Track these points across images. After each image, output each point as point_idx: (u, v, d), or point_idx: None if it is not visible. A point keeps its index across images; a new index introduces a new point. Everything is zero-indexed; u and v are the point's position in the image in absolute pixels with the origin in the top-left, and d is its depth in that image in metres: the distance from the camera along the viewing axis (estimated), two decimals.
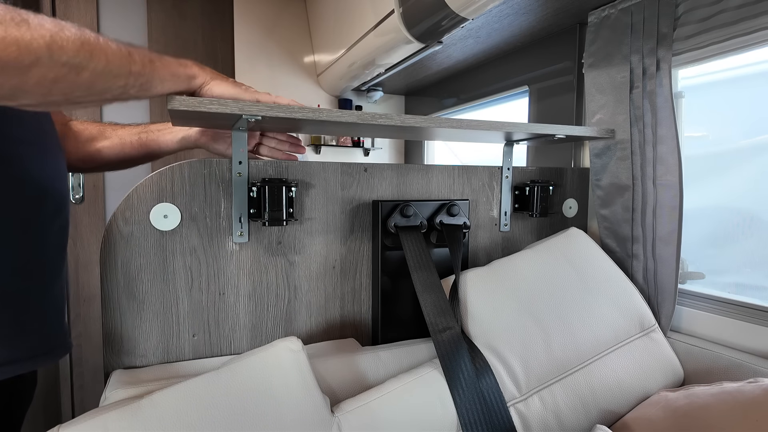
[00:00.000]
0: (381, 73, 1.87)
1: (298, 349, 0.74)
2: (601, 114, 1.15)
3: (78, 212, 1.98)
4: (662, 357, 0.99)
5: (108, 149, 0.93)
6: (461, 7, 1.13)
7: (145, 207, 0.82)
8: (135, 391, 0.72)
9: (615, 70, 1.11)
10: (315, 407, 0.70)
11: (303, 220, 0.94)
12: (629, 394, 0.92)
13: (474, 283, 0.96)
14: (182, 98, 0.66)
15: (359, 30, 1.63)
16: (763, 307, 0.95)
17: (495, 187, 1.14)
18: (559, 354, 0.90)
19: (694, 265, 1.12)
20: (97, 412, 0.62)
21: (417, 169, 1.05)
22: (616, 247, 1.15)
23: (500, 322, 0.91)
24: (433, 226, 1.01)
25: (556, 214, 1.23)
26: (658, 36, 1.02)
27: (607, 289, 1.01)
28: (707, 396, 0.78)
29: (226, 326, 0.89)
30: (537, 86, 1.53)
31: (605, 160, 1.15)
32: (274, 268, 0.92)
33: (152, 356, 0.84)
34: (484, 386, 0.82)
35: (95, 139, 0.92)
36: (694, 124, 1.12)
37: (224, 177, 0.86)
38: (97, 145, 0.92)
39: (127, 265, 0.82)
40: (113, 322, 0.82)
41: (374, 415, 0.74)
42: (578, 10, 1.22)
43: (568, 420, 0.87)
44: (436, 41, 1.42)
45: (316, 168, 0.94)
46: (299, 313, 0.95)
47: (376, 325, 1.01)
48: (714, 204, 1.11)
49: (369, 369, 0.86)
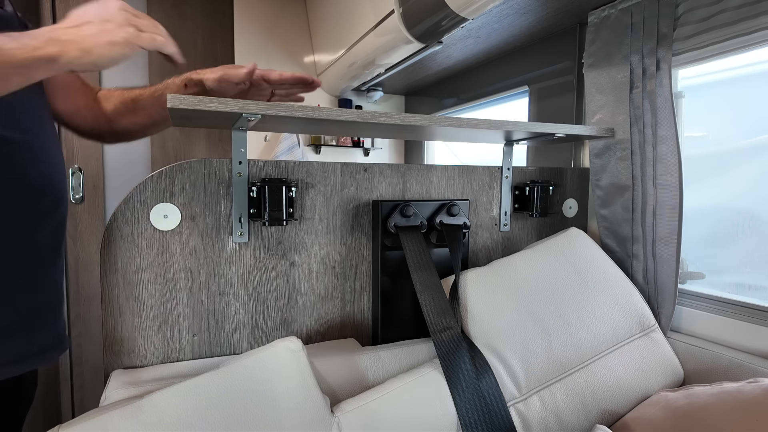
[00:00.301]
0: (381, 73, 1.87)
1: (298, 349, 0.74)
2: (601, 114, 1.15)
3: (78, 212, 1.98)
4: (662, 357, 0.99)
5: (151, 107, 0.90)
6: (461, 7, 1.13)
7: (145, 207, 0.82)
8: (135, 391, 0.72)
9: (615, 70, 1.11)
10: (315, 407, 0.70)
11: (303, 220, 0.94)
12: (629, 394, 0.92)
13: (474, 283, 0.96)
14: (182, 97, 0.66)
15: (359, 30, 1.63)
16: (763, 307, 0.95)
17: (495, 187, 1.14)
18: (559, 354, 0.90)
19: (694, 265, 1.12)
20: (97, 412, 0.62)
21: (417, 169, 1.05)
22: (616, 247, 1.15)
23: (500, 322, 0.91)
24: (433, 226, 1.01)
25: (556, 214, 1.23)
26: (658, 36, 1.02)
27: (607, 289, 1.01)
28: (707, 396, 0.78)
29: (226, 326, 0.89)
30: (537, 86, 1.53)
31: (605, 160, 1.15)
32: (274, 268, 0.92)
33: (152, 356, 0.84)
34: (484, 386, 0.82)
35: (134, 100, 0.90)
36: (694, 124, 1.12)
37: (224, 177, 0.86)
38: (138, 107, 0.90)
39: (127, 265, 0.82)
40: (113, 322, 0.82)
41: (374, 414, 0.74)
42: (578, 10, 1.22)
43: (568, 420, 0.87)
44: (436, 41, 1.42)
45: (316, 168, 0.94)
46: (299, 313, 0.95)
47: (376, 325, 1.01)
48: (714, 204, 1.11)
49: (369, 369, 0.86)
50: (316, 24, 2.15)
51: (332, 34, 1.95)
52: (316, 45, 2.21)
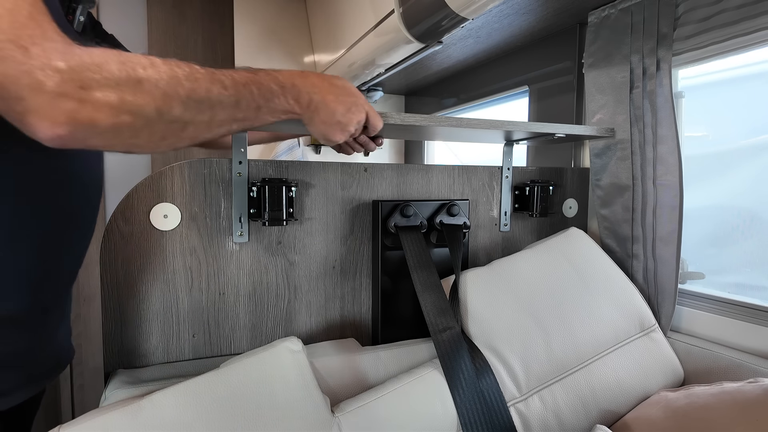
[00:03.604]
0: (381, 73, 1.87)
1: (298, 350, 0.74)
2: (601, 114, 1.15)
3: None
4: (662, 357, 0.99)
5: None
6: (461, 7, 1.12)
7: (145, 207, 0.82)
8: (135, 391, 0.72)
9: (615, 70, 1.11)
10: (315, 407, 0.70)
11: (303, 220, 0.94)
12: (629, 394, 0.92)
13: (474, 283, 0.96)
14: None
15: (359, 30, 1.63)
16: (763, 307, 0.95)
17: (495, 187, 1.14)
18: (560, 354, 0.90)
19: (694, 265, 1.12)
20: (97, 413, 0.62)
21: (417, 169, 1.05)
22: (616, 247, 1.15)
23: (500, 321, 0.91)
24: (433, 226, 1.01)
25: (556, 214, 1.23)
26: (658, 36, 1.02)
27: (607, 289, 1.01)
28: (707, 396, 0.78)
29: (226, 326, 0.89)
30: (537, 86, 1.53)
31: (605, 160, 1.15)
32: (274, 268, 0.92)
33: (152, 356, 0.84)
34: (485, 386, 0.82)
35: None
36: (694, 124, 1.12)
37: (224, 177, 0.86)
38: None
39: (127, 265, 0.82)
40: (113, 322, 0.82)
41: (374, 415, 0.74)
42: (578, 10, 1.22)
43: (569, 420, 0.87)
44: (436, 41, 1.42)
45: (316, 168, 0.94)
46: (299, 313, 0.95)
47: (376, 325, 1.01)
48: (714, 204, 1.11)
49: (369, 369, 0.86)
50: (316, 24, 2.15)
51: (332, 34, 1.95)
52: (316, 45, 2.21)
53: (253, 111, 0.57)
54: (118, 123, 0.45)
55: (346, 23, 1.77)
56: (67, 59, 0.41)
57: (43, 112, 0.41)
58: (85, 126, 0.43)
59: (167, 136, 0.50)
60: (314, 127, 0.66)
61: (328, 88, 0.64)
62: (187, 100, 0.49)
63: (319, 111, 0.64)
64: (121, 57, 0.45)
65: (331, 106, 0.64)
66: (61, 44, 0.42)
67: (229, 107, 0.54)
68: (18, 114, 0.41)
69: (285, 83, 0.60)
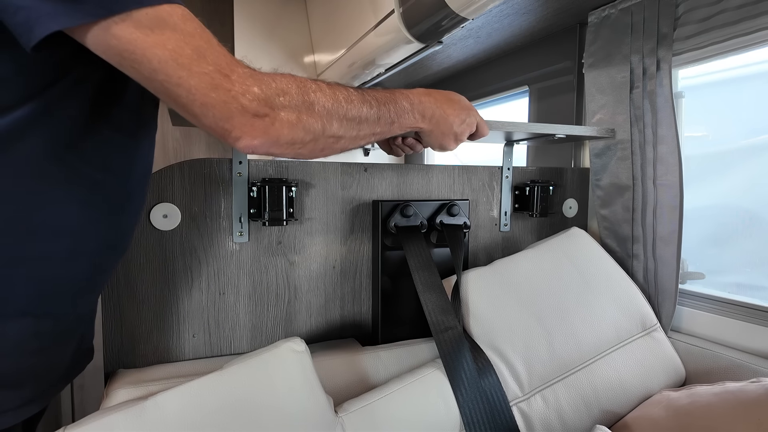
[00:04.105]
0: (381, 73, 1.87)
1: (301, 350, 0.73)
2: (601, 114, 1.15)
3: None
4: (664, 356, 0.99)
5: None
6: (461, 7, 1.12)
7: (145, 207, 0.81)
8: (135, 391, 0.72)
9: (615, 70, 1.11)
10: (319, 408, 0.70)
11: (303, 220, 0.94)
12: (631, 394, 0.92)
13: (476, 282, 0.96)
14: None
15: (359, 30, 1.63)
16: (763, 307, 0.95)
17: (495, 187, 1.14)
18: (562, 353, 0.90)
19: (694, 265, 1.12)
20: (101, 414, 0.62)
21: (417, 169, 1.05)
22: (616, 247, 1.15)
23: (502, 321, 0.91)
24: (433, 226, 1.01)
25: (556, 214, 1.23)
26: (658, 36, 1.02)
27: (609, 289, 1.01)
28: (710, 396, 0.78)
29: (226, 326, 0.89)
30: (537, 86, 1.53)
31: (605, 160, 1.15)
32: (274, 268, 0.92)
33: (152, 356, 0.84)
34: (487, 386, 0.82)
35: None
36: (694, 124, 1.12)
37: (224, 177, 0.86)
38: None
39: (127, 265, 0.81)
40: (113, 322, 0.81)
41: (377, 415, 0.74)
42: (578, 10, 1.22)
43: (571, 419, 0.87)
44: (436, 41, 1.42)
45: (316, 168, 0.94)
46: (299, 313, 0.95)
47: (376, 325, 1.00)
48: (714, 204, 1.11)
49: (370, 369, 0.86)
50: (316, 24, 2.15)
51: (332, 34, 1.95)
52: (316, 45, 2.21)
53: (388, 126, 0.65)
54: (294, 137, 0.54)
55: (346, 23, 1.77)
56: (260, 86, 0.50)
57: (246, 129, 0.50)
58: (272, 139, 0.52)
59: (325, 148, 0.59)
60: (433, 138, 0.74)
61: (448, 103, 0.73)
62: (343, 119, 0.58)
63: (439, 124, 0.72)
64: (297, 82, 0.54)
65: (450, 119, 0.73)
66: (247, 69, 0.51)
67: (372, 123, 0.62)
68: (223, 130, 0.50)
69: (414, 100, 0.68)
